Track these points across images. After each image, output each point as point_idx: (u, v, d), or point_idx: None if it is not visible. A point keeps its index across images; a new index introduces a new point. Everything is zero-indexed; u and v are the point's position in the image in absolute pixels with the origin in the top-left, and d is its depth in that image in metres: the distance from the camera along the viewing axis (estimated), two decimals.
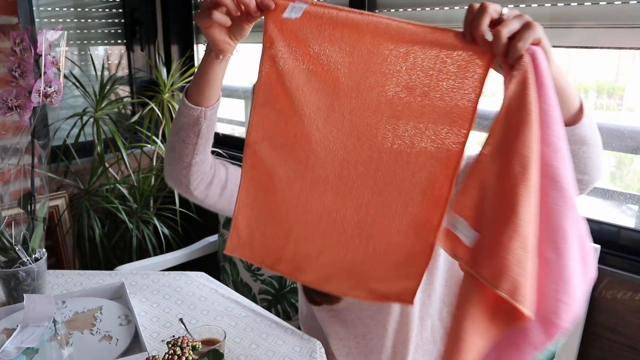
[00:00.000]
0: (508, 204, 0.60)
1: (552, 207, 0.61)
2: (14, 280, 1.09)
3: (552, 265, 0.62)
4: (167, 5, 2.37)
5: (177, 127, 0.91)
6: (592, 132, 0.75)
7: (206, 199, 0.99)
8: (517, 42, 0.62)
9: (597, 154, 0.78)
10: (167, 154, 0.96)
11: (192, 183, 0.95)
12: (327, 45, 0.70)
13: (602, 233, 1.29)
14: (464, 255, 0.65)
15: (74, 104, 2.23)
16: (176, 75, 2.22)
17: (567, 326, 0.62)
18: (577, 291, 0.63)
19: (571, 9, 1.24)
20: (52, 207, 2.06)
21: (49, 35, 1.02)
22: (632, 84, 1.40)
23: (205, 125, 0.90)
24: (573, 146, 0.74)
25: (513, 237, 0.59)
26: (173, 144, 0.93)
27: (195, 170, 0.94)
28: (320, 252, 0.80)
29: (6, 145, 1.10)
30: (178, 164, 0.94)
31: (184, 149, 0.92)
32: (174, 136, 0.92)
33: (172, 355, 0.79)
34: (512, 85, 0.62)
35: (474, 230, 0.65)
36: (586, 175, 0.79)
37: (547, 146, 0.61)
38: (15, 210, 1.13)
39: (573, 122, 0.72)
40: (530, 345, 0.63)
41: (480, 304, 0.63)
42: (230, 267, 1.83)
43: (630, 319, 1.20)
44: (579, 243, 0.63)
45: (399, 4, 1.59)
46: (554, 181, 0.61)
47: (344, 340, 1.07)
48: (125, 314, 1.08)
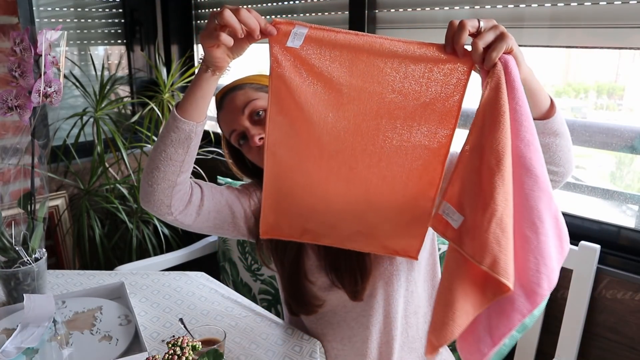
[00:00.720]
0: (486, 192, 0.70)
1: (527, 192, 0.71)
2: (14, 280, 1.09)
3: (531, 242, 0.72)
4: (167, 5, 2.37)
5: (165, 144, 0.90)
6: (563, 126, 0.84)
7: (185, 219, 0.98)
8: (492, 52, 0.72)
9: (568, 147, 0.86)
10: (148, 175, 0.93)
11: (173, 204, 0.94)
12: (329, 63, 0.80)
13: (602, 233, 1.29)
14: (453, 236, 0.76)
15: (74, 104, 2.24)
16: (176, 75, 2.22)
17: (546, 294, 0.72)
18: (554, 263, 0.73)
19: (571, 9, 1.24)
20: (52, 207, 2.06)
21: (49, 35, 1.02)
22: (632, 84, 1.40)
23: (194, 142, 0.91)
24: (547, 138, 0.83)
25: (491, 220, 0.69)
26: (158, 163, 0.91)
27: (177, 190, 0.93)
28: (338, 223, 0.94)
29: (6, 145, 1.10)
30: (162, 183, 0.92)
31: (171, 167, 0.91)
32: (160, 154, 0.91)
33: (172, 355, 0.79)
34: (486, 91, 0.72)
35: (460, 214, 0.76)
36: (560, 168, 0.86)
37: (521, 140, 0.71)
38: (15, 210, 1.14)
39: (546, 117, 0.82)
40: (517, 311, 0.72)
41: (468, 277, 0.73)
42: (230, 267, 1.83)
43: (630, 319, 1.20)
44: (553, 221, 0.74)
45: (399, 4, 1.59)
46: (528, 170, 0.71)
47: (332, 343, 1.07)
48: (125, 314, 1.08)
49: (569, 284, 1.23)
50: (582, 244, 1.20)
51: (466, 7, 1.42)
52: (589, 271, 1.19)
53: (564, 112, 1.55)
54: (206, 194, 1.00)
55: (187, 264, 1.85)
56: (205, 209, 0.99)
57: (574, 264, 1.22)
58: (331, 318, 1.07)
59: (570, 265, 1.22)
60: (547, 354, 1.32)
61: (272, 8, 1.99)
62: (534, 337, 1.30)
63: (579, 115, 1.54)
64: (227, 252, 1.82)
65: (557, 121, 0.82)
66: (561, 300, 1.27)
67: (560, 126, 0.83)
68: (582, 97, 1.54)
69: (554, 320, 1.29)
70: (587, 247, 1.19)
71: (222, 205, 1.02)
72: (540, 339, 1.30)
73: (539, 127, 0.83)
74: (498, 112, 0.70)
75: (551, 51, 1.48)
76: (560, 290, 1.28)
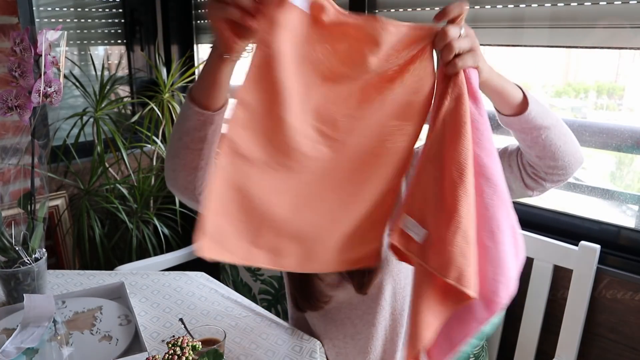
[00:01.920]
0: (449, 204, 0.70)
1: (487, 201, 0.72)
2: (14, 280, 1.09)
3: (490, 251, 0.72)
4: (167, 5, 2.37)
5: (180, 131, 0.86)
6: (547, 119, 0.82)
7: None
8: (458, 61, 0.71)
9: (562, 139, 0.84)
10: (169, 161, 0.90)
11: (197, 188, 0.91)
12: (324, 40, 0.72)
13: (602, 233, 1.29)
14: (416, 251, 0.74)
15: (74, 104, 2.23)
16: (176, 75, 2.22)
17: (504, 302, 0.72)
18: (512, 272, 0.73)
19: (571, 9, 1.24)
20: (52, 207, 2.06)
21: (49, 35, 1.02)
22: (632, 84, 1.40)
23: (211, 131, 0.85)
24: (532, 133, 0.82)
25: (456, 233, 0.69)
26: (176, 150, 0.88)
27: (201, 174, 0.90)
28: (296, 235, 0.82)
29: (6, 145, 1.10)
30: (183, 171, 0.89)
31: (189, 155, 0.87)
32: (178, 142, 0.87)
33: (172, 355, 0.79)
34: (447, 101, 0.71)
35: (423, 227, 0.74)
36: (559, 161, 0.85)
37: (481, 149, 0.71)
38: (15, 210, 1.14)
39: (520, 111, 0.81)
40: (475, 320, 0.73)
41: (432, 290, 0.73)
42: (230, 267, 1.83)
43: (630, 319, 1.20)
44: (511, 230, 0.74)
45: (399, 4, 1.59)
46: (488, 179, 0.72)
47: (334, 340, 1.07)
48: (125, 314, 1.08)
49: (569, 284, 1.23)
50: (582, 244, 1.20)
51: (466, 7, 1.42)
52: (589, 271, 1.19)
53: (564, 112, 1.55)
54: None
55: (187, 264, 1.85)
56: None
57: (574, 264, 1.22)
58: (335, 315, 1.07)
59: (570, 265, 1.22)
60: (547, 354, 1.32)
61: None
62: (534, 337, 1.30)
63: (579, 115, 1.54)
64: None
65: (535, 113, 0.81)
66: (561, 300, 1.27)
67: (543, 119, 0.82)
68: (582, 97, 1.54)
69: (554, 320, 1.29)
70: (587, 247, 1.19)
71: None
72: (540, 338, 1.30)
73: (518, 124, 0.83)
74: (459, 123, 0.70)
75: (551, 51, 1.48)
76: (560, 290, 1.28)
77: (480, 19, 1.41)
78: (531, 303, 1.30)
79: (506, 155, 0.93)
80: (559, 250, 1.24)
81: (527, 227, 1.33)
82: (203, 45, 2.43)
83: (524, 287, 1.32)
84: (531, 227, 1.34)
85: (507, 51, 1.63)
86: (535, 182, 0.90)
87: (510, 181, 0.91)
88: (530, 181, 0.90)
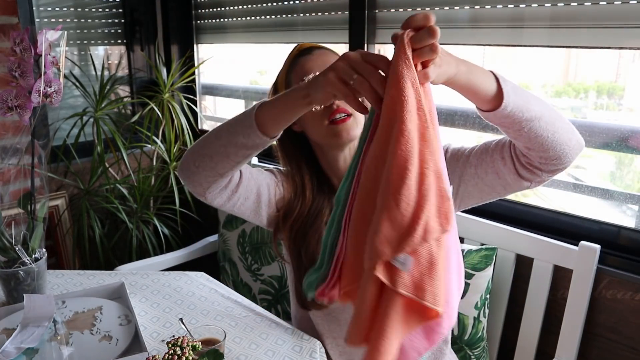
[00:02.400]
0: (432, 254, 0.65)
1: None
2: (14, 280, 1.09)
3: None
4: (167, 5, 2.37)
5: (229, 141, 0.87)
6: (530, 110, 0.77)
7: (214, 201, 0.98)
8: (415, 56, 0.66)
9: (549, 129, 0.80)
10: (198, 157, 0.92)
11: (209, 189, 0.94)
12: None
13: (602, 233, 1.29)
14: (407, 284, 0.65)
15: (74, 104, 2.23)
16: (176, 75, 2.22)
17: (445, 333, 0.69)
18: (455, 302, 0.70)
19: (571, 9, 1.24)
20: (52, 207, 2.06)
21: (49, 35, 1.02)
22: (632, 84, 1.40)
23: (256, 152, 0.89)
24: (513, 127, 0.78)
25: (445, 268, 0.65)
26: (213, 152, 0.89)
27: (221, 180, 0.93)
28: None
29: (6, 145, 1.10)
30: (209, 172, 0.91)
31: (224, 163, 0.89)
32: (219, 147, 0.89)
33: (172, 355, 0.79)
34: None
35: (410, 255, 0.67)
36: (550, 152, 0.81)
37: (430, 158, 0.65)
38: (15, 210, 1.14)
39: (496, 106, 0.76)
40: (415, 350, 0.70)
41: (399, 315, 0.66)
42: (230, 267, 1.83)
43: (630, 319, 1.20)
44: (457, 257, 0.71)
45: (399, 4, 1.59)
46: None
47: (337, 340, 1.07)
48: (125, 314, 1.08)
49: (569, 284, 1.23)
50: (582, 244, 1.20)
51: (466, 7, 1.42)
52: (589, 271, 1.19)
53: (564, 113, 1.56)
54: (243, 181, 0.99)
55: (187, 264, 1.85)
56: (237, 196, 0.99)
57: (574, 264, 1.22)
58: (339, 314, 1.07)
59: (570, 265, 1.22)
60: (547, 354, 1.32)
61: (272, 8, 1.99)
62: (534, 337, 1.30)
63: (579, 115, 1.54)
64: (227, 252, 1.82)
65: (512, 108, 0.76)
66: (561, 300, 1.27)
67: (524, 111, 0.77)
68: (582, 97, 1.54)
69: (554, 320, 1.29)
70: (587, 247, 1.19)
71: (253, 192, 1.02)
72: (540, 339, 1.30)
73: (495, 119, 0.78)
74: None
75: (551, 51, 1.48)
76: (560, 290, 1.28)
77: (480, 19, 1.41)
78: (531, 303, 1.30)
79: (499, 147, 0.90)
80: (559, 250, 1.24)
81: (527, 227, 1.33)
82: (203, 45, 2.43)
83: (524, 287, 1.32)
84: (531, 227, 1.34)
85: (507, 51, 1.64)
86: (531, 173, 0.87)
87: (504, 174, 0.90)
88: (526, 172, 0.87)
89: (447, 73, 0.70)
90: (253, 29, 2.12)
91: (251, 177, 1.02)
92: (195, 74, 2.35)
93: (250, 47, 2.32)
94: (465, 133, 1.57)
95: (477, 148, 0.96)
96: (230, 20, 2.22)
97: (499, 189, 0.94)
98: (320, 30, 1.85)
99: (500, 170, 0.91)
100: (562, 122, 0.82)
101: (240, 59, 2.50)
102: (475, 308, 1.29)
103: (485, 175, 0.93)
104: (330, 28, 1.80)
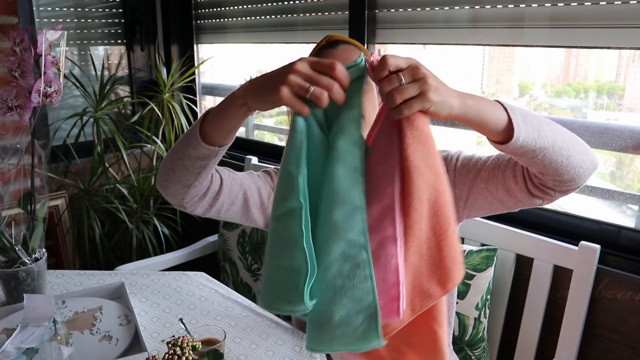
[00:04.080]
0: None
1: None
2: (14, 280, 1.09)
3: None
4: (167, 5, 2.37)
5: (182, 154, 0.87)
6: (543, 137, 0.76)
7: (195, 211, 0.98)
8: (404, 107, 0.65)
9: (563, 154, 0.78)
10: (164, 172, 0.92)
11: (185, 199, 0.94)
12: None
13: (602, 233, 1.29)
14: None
15: (74, 104, 2.23)
16: (176, 75, 2.22)
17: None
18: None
19: (571, 9, 1.24)
20: (52, 207, 2.06)
21: (49, 35, 1.02)
22: (632, 84, 1.40)
23: (214, 161, 0.88)
24: (526, 156, 0.77)
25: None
26: (173, 167, 0.89)
27: (192, 190, 0.93)
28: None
29: (6, 145, 1.10)
30: (176, 185, 0.91)
31: (186, 175, 0.89)
32: (177, 161, 0.88)
33: (172, 355, 0.79)
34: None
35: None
36: (564, 176, 0.80)
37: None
38: (15, 210, 1.13)
39: (507, 139, 0.75)
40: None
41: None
42: (230, 267, 1.83)
43: (630, 319, 1.20)
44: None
45: (399, 4, 1.59)
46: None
47: None
48: (125, 314, 1.08)
49: (569, 284, 1.23)
50: (582, 244, 1.20)
51: (466, 7, 1.42)
52: (589, 271, 1.19)
53: (564, 112, 1.55)
54: (224, 188, 0.98)
55: (187, 264, 1.85)
56: (219, 203, 0.98)
57: (574, 264, 1.22)
58: None
59: (570, 265, 1.22)
60: (547, 354, 1.32)
61: (272, 8, 1.99)
62: (534, 337, 1.30)
63: (579, 115, 1.54)
64: (227, 252, 1.82)
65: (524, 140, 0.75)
66: (561, 300, 1.27)
67: (536, 140, 0.76)
68: (582, 97, 1.54)
69: (554, 320, 1.29)
70: (587, 247, 1.19)
71: (239, 197, 1.01)
72: (540, 339, 1.30)
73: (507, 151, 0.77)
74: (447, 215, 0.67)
75: (551, 51, 1.48)
76: (560, 290, 1.28)
77: (480, 19, 1.41)
78: (531, 303, 1.30)
79: (511, 165, 0.88)
80: (559, 250, 1.24)
81: (527, 227, 1.33)
82: (203, 45, 2.43)
83: (524, 287, 1.32)
84: (531, 227, 1.34)
85: (507, 51, 1.64)
86: (543, 193, 0.85)
87: (515, 192, 0.88)
88: (538, 191, 0.86)
89: (451, 104, 0.68)
90: (253, 29, 2.12)
91: (234, 182, 1.00)
92: (195, 74, 2.35)
93: (250, 47, 2.32)
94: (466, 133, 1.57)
95: (489, 162, 0.93)
96: (230, 20, 2.22)
97: (509, 204, 0.92)
98: (320, 30, 1.85)
99: (511, 188, 0.89)
100: (576, 144, 0.81)
101: (240, 59, 2.50)
102: (476, 309, 1.29)
103: (495, 190, 0.91)
104: (330, 28, 1.80)
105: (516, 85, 1.70)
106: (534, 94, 1.64)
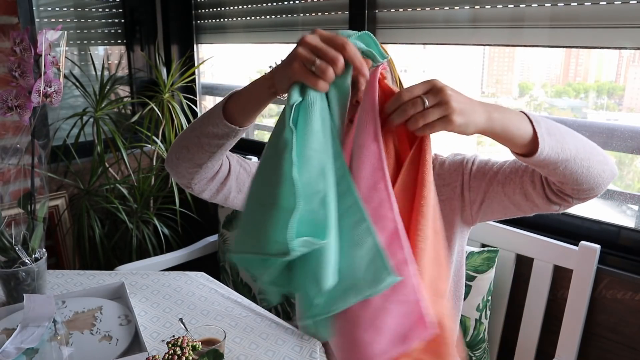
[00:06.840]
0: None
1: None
2: (14, 280, 1.09)
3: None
4: (167, 5, 2.37)
5: (201, 132, 0.87)
6: (566, 149, 0.76)
7: (202, 194, 0.98)
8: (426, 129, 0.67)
9: (584, 165, 0.78)
10: (177, 150, 0.92)
11: (194, 181, 0.94)
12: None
13: (602, 233, 1.29)
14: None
15: (74, 104, 2.23)
16: (176, 75, 2.22)
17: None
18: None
19: (571, 9, 1.24)
20: (52, 207, 2.06)
21: (49, 35, 1.02)
22: (632, 84, 1.40)
23: (232, 141, 0.88)
24: (548, 167, 0.77)
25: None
26: (189, 144, 0.89)
27: (203, 171, 0.93)
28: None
29: (6, 145, 1.10)
30: (188, 163, 0.91)
31: (200, 153, 0.89)
32: (194, 138, 0.88)
33: (172, 355, 0.79)
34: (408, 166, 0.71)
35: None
36: (584, 185, 0.81)
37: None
38: (15, 210, 1.13)
39: (532, 151, 0.75)
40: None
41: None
42: (230, 267, 1.83)
43: (630, 319, 1.20)
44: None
45: (399, 4, 1.59)
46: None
47: None
48: (125, 314, 1.08)
49: (569, 284, 1.23)
50: (582, 244, 1.20)
51: (466, 7, 1.42)
52: (589, 271, 1.19)
53: (564, 112, 1.55)
54: (232, 174, 0.98)
55: (187, 264, 1.85)
56: (226, 189, 0.98)
57: (574, 264, 1.22)
58: None
59: (570, 265, 1.22)
60: (547, 354, 1.32)
61: (272, 8, 1.99)
62: (534, 337, 1.30)
63: (579, 115, 1.54)
64: (227, 252, 1.82)
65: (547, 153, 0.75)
66: (561, 300, 1.27)
67: (559, 153, 0.76)
68: (582, 97, 1.54)
69: (554, 320, 1.29)
70: (587, 247, 1.19)
71: (246, 185, 1.00)
72: (540, 339, 1.30)
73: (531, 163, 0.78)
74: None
75: (551, 51, 1.48)
76: (560, 290, 1.28)
77: (480, 18, 1.41)
78: (531, 303, 1.30)
79: (529, 171, 0.88)
80: (559, 250, 1.24)
81: (527, 227, 1.33)
82: (203, 45, 2.43)
83: (524, 287, 1.32)
84: (531, 227, 1.34)
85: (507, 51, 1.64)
86: (561, 199, 0.85)
87: (533, 197, 0.88)
88: (556, 198, 0.85)
89: (476, 122, 0.69)
90: (253, 29, 2.12)
91: (243, 170, 1.01)
92: (195, 74, 2.35)
93: (250, 47, 2.31)
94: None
95: (506, 166, 0.93)
96: (230, 20, 2.22)
97: (525, 209, 0.92)
98: None
99: (529, 193, 0.88)
100: (597, 155, 0.81)
101: (240, 59, 2.50)
102: (477, 310, 1.29)
103: (513, 194, 0.91)
104: (330, 28, 1.80)
105: (516, 85, 1.70)
106: (534, 94, 1.64)
